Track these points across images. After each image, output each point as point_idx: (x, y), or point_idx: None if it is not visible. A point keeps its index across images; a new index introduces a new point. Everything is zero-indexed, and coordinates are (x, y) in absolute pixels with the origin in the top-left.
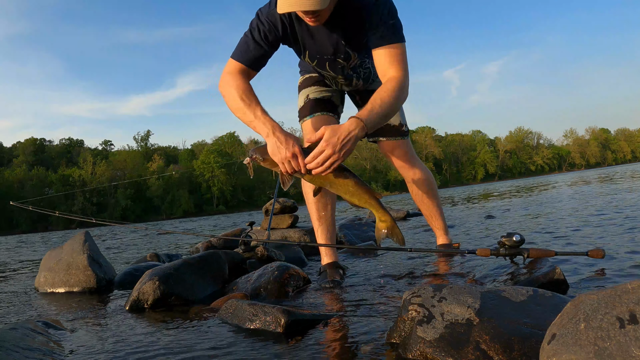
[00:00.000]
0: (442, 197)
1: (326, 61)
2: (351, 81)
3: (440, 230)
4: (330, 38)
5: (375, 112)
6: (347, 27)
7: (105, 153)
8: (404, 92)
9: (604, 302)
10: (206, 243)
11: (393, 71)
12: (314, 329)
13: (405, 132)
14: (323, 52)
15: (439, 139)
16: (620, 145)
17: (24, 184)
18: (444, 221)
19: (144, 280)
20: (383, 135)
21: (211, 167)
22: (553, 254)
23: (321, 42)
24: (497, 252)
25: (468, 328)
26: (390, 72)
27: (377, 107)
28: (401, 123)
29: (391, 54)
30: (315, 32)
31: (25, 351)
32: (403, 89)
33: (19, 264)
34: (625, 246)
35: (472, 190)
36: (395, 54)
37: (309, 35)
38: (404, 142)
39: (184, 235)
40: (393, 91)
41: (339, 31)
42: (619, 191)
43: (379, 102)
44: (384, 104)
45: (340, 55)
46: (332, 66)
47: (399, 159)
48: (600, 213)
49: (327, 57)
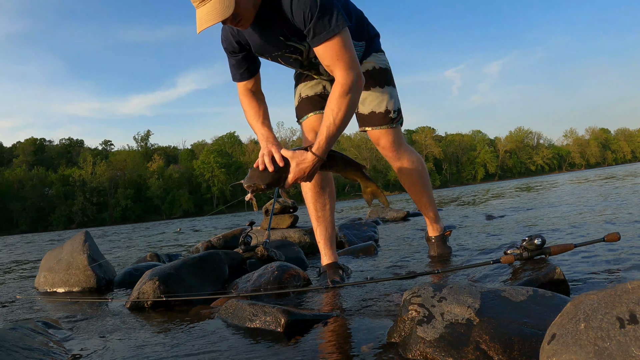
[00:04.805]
0: (442, 197)
1: (277, 57)
2: (318, 70)
3: (430, 220)
4: (267, 36)
5: (325, 141)
6: (277, 24)
7: (105, 153)
8: (351, 97)
9: (604, 302)
10: (206, 243)
11: (335, 73)
12: (314, 329)
13: (391, 119)
14: (267, 50)
15: (439, 139)
16: (620, 145)
17: (24, 184)
18: (434, 211)
19: (144, 280)
20: (368, 124)
21: (211, 167)
22: (572, 247)
23: (261, 41)
24: (520, 256)
25: (468, 328)
26: (334, 73)
27: (324, 138)
28: (387, 109)
29: (327, 52)
30: (252, 33)
31: (25, 351)
32: (347, 94)
33: (19, 264)
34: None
35: (473, 190)
36: (331, 50)
37: (250, 37)
38: (389, 130)
39: (184, 236)
40: (338, 108)
41: (274, 28)
42: (619, 189)
43: (325, 132)
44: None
45: (286, 50)
46: (285, 60)
47: (385, 149)
48: (604, 205)
49: (274, 54)
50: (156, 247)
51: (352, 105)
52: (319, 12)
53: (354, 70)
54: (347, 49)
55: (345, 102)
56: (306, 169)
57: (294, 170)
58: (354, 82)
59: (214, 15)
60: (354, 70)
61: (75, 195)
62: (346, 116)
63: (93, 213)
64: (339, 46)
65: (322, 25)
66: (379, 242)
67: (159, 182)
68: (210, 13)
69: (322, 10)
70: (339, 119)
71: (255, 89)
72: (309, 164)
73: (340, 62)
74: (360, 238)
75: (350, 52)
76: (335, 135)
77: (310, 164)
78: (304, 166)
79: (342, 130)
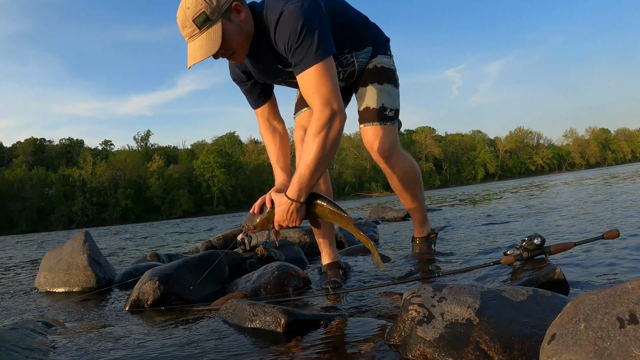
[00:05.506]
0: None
1: (280, 82)
2: None
3: (417, 222)
4: (264, 65)
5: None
6: (270, 53)
7: (105, 153)
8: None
9: (604, 302)
10: (206, 243)
11: (312, 107)
12: (314, 329)
13: (386, 116)
14: (269, 77)
15: (439, 139)
16: (620, 145)
17: (24, 184)
18: (423, 213)
19: (144, 280)
20: (361, 121)
21: (211, 167)
22: (572, 245)
23: (261, 70)
24: (520, 257)
25: (468, 328)
26: (312, 106)
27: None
28: (383, 106)
29: (304, 83)
30: (251, 63)
31: (25, 351)
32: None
33: (19, 264)
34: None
35: (473, 190)
36: (308, 82)
37: (250, 67)
38: (382, 128)
39: (182, 236)
40: (310, 148)
41: (269, 57)
42: (619, 188)
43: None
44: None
45: (287, 77)
46: (289, 84)
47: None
48: (604, 205)
49: (276, 80)
50: (156, 247)
51: (325, 145)
52: (297, 40)
53: (331, 105)
54: (325, 81)
55: (317, 141)
56: (283, 213)
57: (276, 214)
58: (328, 119)
59: (201, 52)
60: (330, 106)
61: (75, 195)
62: (320, 157)
63: (93, 213)
64: (317, 78)
65: (300, 54)
66: (379, 241)
67: (159, 182)
68: (197, 50)
69: (302, 39)
70: (310, 160)
71: (272, 117)
72: (284, 207)
73: (316, 96)
74: None
75: (329, 85)
76: (309, 177)
77: (286, 207)
78: (281, 209)
79: (319, 173)
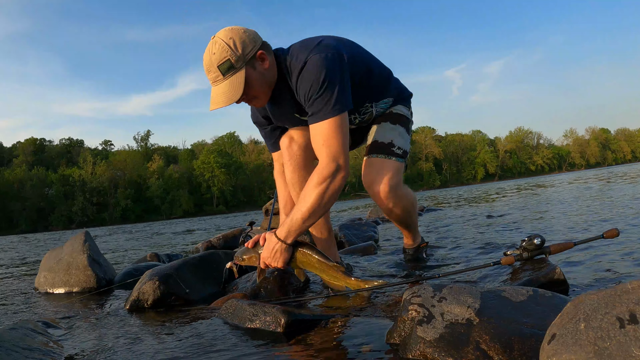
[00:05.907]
0: (442, 197)
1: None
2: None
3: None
4: (283, 112)
5: (287, 226)
6: (290, 100)
7: (105, 153)
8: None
9: (604, 302)
10: (206, 243)
11: (319, 158)
12: (313, 329)
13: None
14: (286, 123)
15: (439, 139)
16: (620, 145)
17: (24, 184)
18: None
19: (144, 280)
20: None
21: (211, 167)
22: (572, 245)
23: (279, 116)
24: (520, 257)
25: (468, 328)
26: (319, 157)
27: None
28: (392, 142)
29: (316, 134)
30: (271, 109)
31: (25, 351)
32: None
33: (19, 264)
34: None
35: (472, 190)
36: (320, 134)
37: (270, 112)
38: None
39: (183, 235)
40: (308, 196)
41: (288, 105)
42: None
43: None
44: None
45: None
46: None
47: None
48: (604, 205)
49: (293, 127)
50: (156, 247)
51: (323, 197)
52: (318, 91)
53: (337, 161)
54: (336, 136)
55: (317, 191)
56: (268, 250)
57: (263, 250)
58: (332, 173)
59: (223, 98)
60: (336, 161)
61: (75, 195)
62: (316, 207)
63: (93, 213)
64: (329, 131)
65: (318, 105)
66: (379, 242)
67: (159, 182)
68: (219, 95)
69: (323, 91)
70: (306, 209)
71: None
72: (272, 245)
73: (325, 148)
74: (360, 238)
75: (339, 141)
76: (300, 224)
77: (273, 245)
78: (269, 246)
79: (311, 222)
